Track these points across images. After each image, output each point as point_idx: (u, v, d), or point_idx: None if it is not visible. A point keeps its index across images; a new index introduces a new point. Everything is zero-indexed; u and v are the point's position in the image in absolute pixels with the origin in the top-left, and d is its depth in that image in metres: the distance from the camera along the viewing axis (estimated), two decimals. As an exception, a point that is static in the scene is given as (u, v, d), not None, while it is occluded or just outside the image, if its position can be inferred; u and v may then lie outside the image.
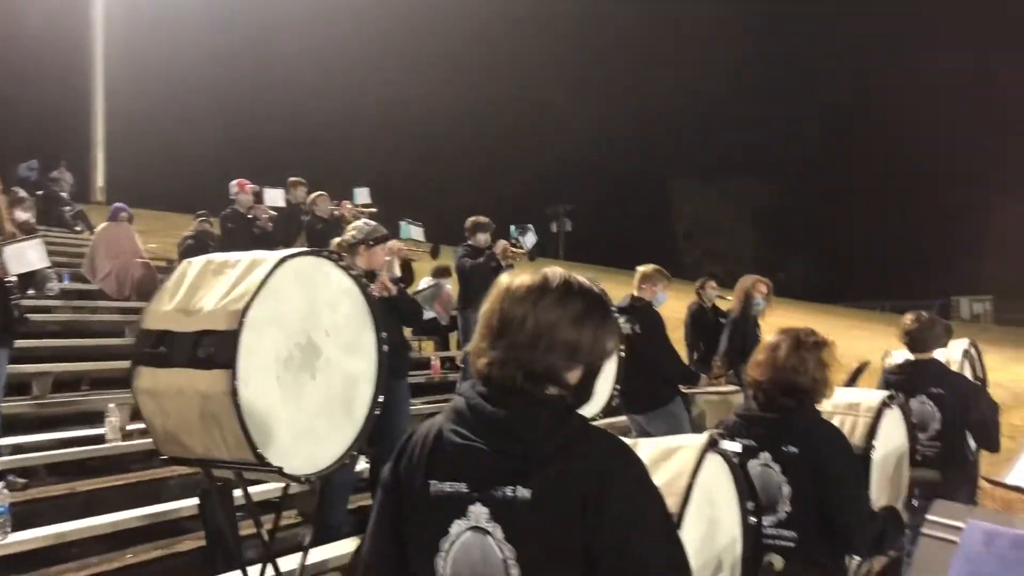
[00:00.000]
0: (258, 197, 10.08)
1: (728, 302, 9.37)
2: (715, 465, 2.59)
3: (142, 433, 5.67)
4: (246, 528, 4.70)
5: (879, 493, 3.82)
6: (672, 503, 2.32)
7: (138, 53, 24.80)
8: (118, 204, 11.49)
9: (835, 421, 3.86)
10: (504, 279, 1.95)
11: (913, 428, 4.36)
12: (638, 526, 1.72)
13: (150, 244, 12.07)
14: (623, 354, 5.87)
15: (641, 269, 7.47)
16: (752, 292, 8.82)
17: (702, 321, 9.73)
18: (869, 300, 36.97)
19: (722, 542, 2.56)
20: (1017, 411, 10.44)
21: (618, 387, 5.79)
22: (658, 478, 2.42)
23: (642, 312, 7.20)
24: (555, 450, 1.74)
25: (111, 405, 6.31)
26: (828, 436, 3.52)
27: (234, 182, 9.86)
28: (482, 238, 9.21)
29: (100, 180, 22.84)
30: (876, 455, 3.79)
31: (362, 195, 10.93)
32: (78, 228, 15.37)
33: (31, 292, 9.40)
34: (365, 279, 4.24)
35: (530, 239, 9.18)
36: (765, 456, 3.59)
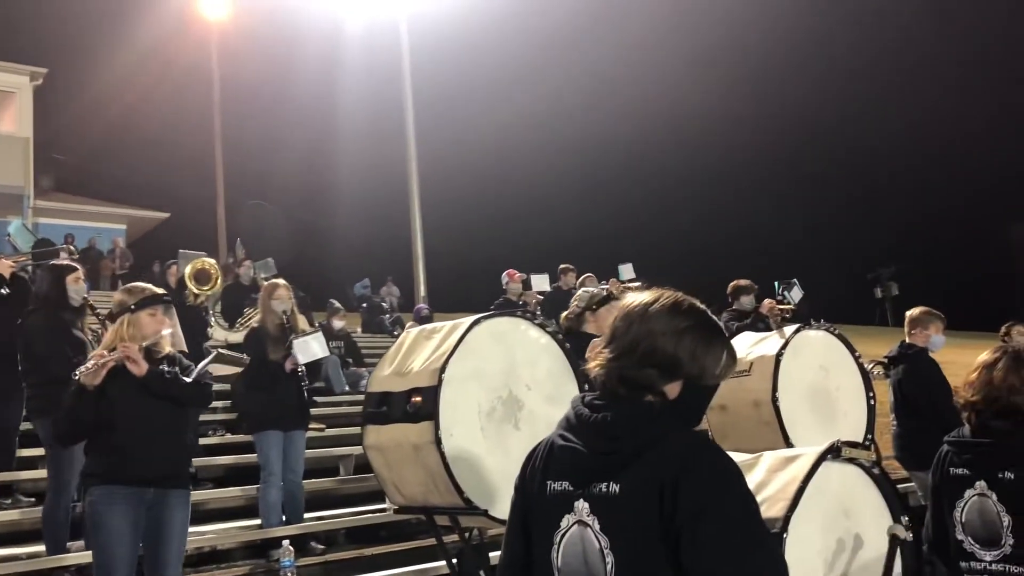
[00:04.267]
0: (526, 284, 10.76)
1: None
2: (847, 476, 2.48)
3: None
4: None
5: None
6: (779, 508, 2.28)
7: (447, 178, 27.51)
8: (420, 306, 12.75)
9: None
10: (626, 296, 2.13)
11: None
12: (710, 515, 1.76)
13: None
14: (873, 403, 5.57)
15: (909, 313, 6.88)
16: (1057, 330, 7.84)
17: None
18: None
19: (867, 557, 2.43)
20: None
21: (870, 438, 5.48)
22: (773, 486, 2.39)
23: (909, 359, 6.60)
24: (641, 448, 1.86)
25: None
26: None
27: (505, 273, 10.63)
28: (746, 300, 9.09)
29: (423, 290, 25.14)
30: None
31: (626, 271, 11.26)
32: (396, 333, 17.15)
33: (347, 388, 10.78)
34: (562, 336, 4.48)
35: (796, 293, 8.90)
36: (980, 485, 3.29)
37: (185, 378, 4.34)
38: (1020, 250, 46.03)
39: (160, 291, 4.62)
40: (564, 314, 5.78)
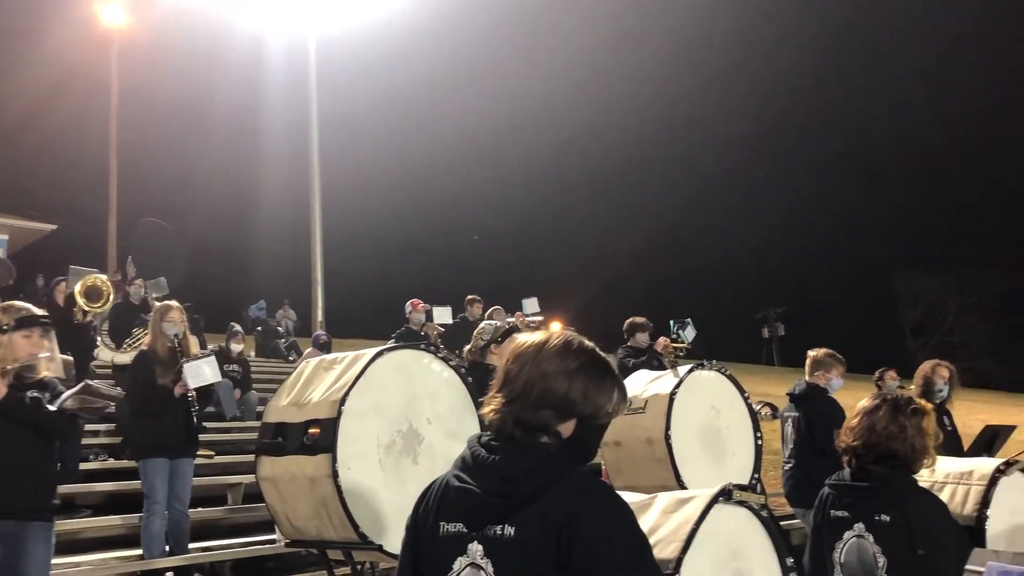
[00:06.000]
0: (429, 316, 10.73)
1: (911, 391, 8.77)
2: (737, 517, 2.57)
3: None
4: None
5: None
6: (672, 549, 2.34)
7: (349, 194, 27.29)
8: (318, 332, 12.55)
9: (946, 490, 3.65)
10: (516, 338, 2.14)
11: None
12: (608, 560, 1.80)
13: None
14: (760, 443, 5.77)
15: (812, 353, 7.05)
16: (933, 378, 8.19)
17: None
18: None
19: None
20: None
21: (756, 476, 5.66)
22: (666, 528, 2.46)
23: (814, 400, 6.78)
24: (536, 491, 1.88)
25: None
26: (922, 504, 3.32)
27: (409, 302, 10.58)
28: (641, 338, 9.28)
29: (320, 315, 24.72)
30: (993, 526, 3.51)
31: (530, 305, 11.37)
32: (291, 358, 16.80)
33: (238, 413, 10.50)
34: (465, 369, 4.49)
35: (690, 332, 9.13)
36: (859, 527, 3.44)
37: (50, 406, 4.12)
38: (898, 298, 48.55)
39: (40, 312, 4.39)
40: (467, 347, 5.78)
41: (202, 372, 6.20)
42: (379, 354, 4.07)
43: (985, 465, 3.72)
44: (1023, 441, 10.26)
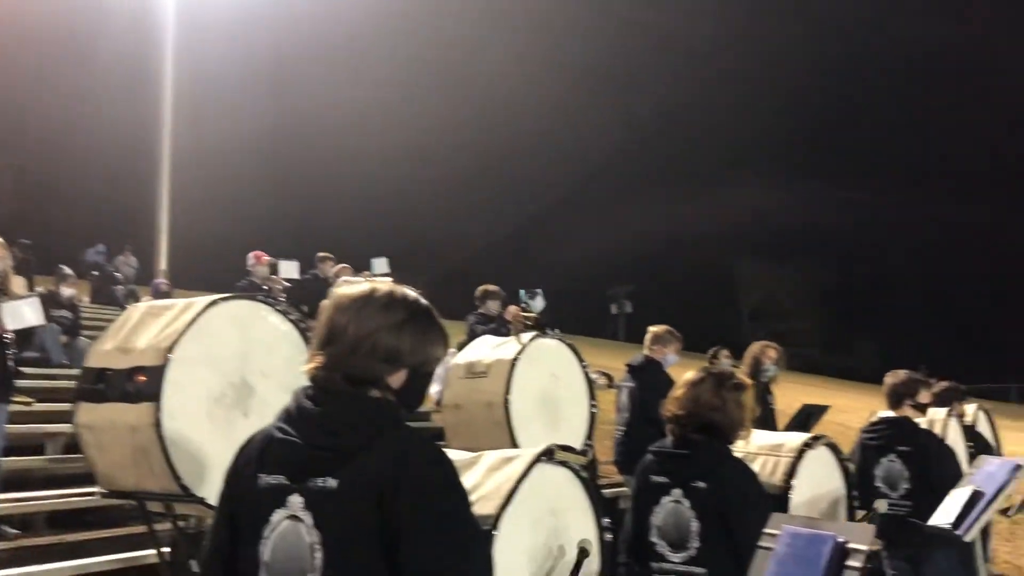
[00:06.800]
0: (273, 269, 10.45)
1: (742, 370, 9.25)
2: (559, 478, 2.64)
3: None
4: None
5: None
6: (493, 506, 2.38)
7: (201, 141, 26.20)
8: (158, 280, 12.03)
9: (758, 462, 3.86)
10: (336, 291, 2.10)
11: (870, 475, 4.31)
12: (427, 515, 1.81)
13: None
14: (596, 410, 5.94)
15: (652, 329, 7.36)
16: (761, 358, 8.68)
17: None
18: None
19: (570, 555, 2.59)
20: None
21: (589, 443, 5.84)
22: (488, 485, 2.50)
23: (649, 372, 7.08)
24: (361, 444, 1.87)
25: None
26: (736, 472, 3.50)
27: (251, 254, 10.25)
28: (492, 306, 9.40)
29: (163, 264, 23.70)
30: (796, 495, 3.75)
31: (380, 265, 11.28)
32: (128, 306, 16.03)
33: (65, 360, 9.94)
34: (304, 323, 4.41)
35: (539, 303, 9.32)
36: (676, 492, 3.59)
37: None
38: (739, 284, 51.11)
39: None
40: None
41: (22, 314, 5.85)
42: (213, 303, 3.93)
43: (794, 439, 3.96)
44: (840, 423, 11.03)
